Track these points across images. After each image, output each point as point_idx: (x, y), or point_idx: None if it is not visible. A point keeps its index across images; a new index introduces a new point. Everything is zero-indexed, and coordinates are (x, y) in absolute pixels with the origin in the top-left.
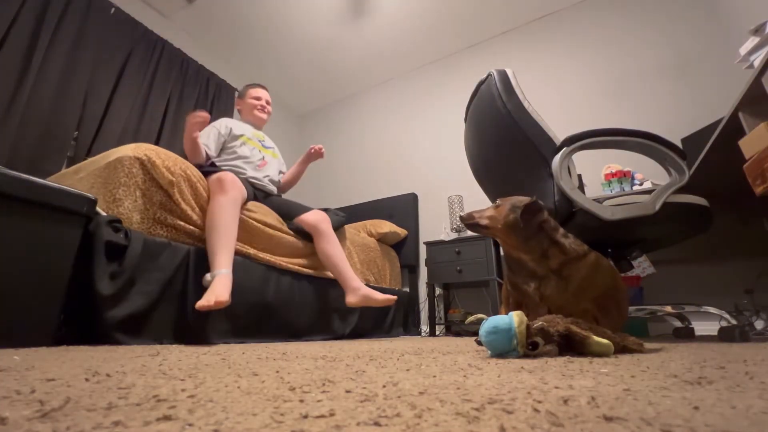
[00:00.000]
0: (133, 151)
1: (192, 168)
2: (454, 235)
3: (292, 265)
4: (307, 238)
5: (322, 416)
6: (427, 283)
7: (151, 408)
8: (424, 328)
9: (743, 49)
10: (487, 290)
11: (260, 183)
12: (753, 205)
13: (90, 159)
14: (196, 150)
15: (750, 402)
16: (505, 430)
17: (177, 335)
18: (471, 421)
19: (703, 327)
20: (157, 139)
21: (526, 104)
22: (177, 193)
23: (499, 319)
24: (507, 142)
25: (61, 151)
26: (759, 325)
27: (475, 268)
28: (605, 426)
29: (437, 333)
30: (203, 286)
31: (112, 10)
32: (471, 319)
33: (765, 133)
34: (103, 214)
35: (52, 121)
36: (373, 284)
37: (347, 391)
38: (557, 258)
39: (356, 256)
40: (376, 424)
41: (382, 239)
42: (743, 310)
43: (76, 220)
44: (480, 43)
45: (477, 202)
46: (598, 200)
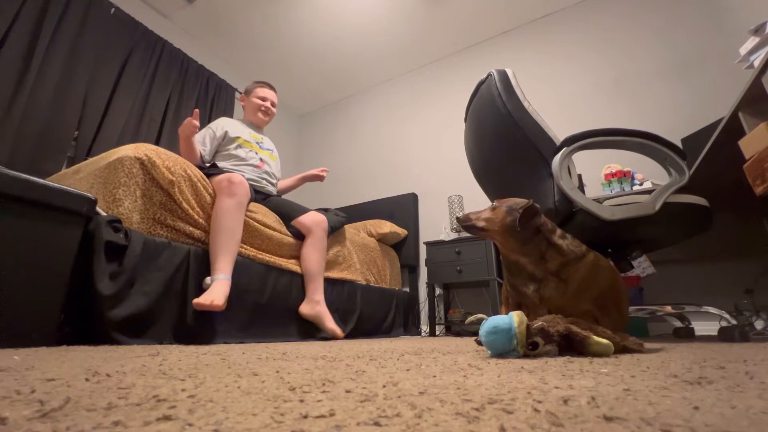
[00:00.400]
0: (133, 151)
1: (193, 168)
2: (454, 235)
3: (291, 265)
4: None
5: (322, 416)
6: (427, 283)
7: (151, 408)
8: (424, 328)
9: (743, 49)
10: (487, 290)
11: (259, 185)
12: (753, 205)
13: (90, 159)
14: (192, 152)
15: (750, 402)
16: (505, 430)
17: (177, 335)
18: (471, 421)
19: (703, 327)
20: (157, 139)
21: (526, 104)
22: (178, 193)
23: (499, 319)
24: (507, 142)
25: (61, 151)
26: (759, 325)
27: (475, 268)
28: (605, 426)
29: (437, 333)
30: (203, 288)
31: (112, 10)
32: (471, 319)
33: (765, 133)
34: (103, 214)
35: (52, 121)
36: (373, 284)
37: (347, 391)
38: (555, 260)
39: (356, 256)
40: (376, 424)
41: (382, 239)
42: (743, 310)
43: (76, 220)
44: (480, 43)
45: (477, 202)
46: (598, 200)
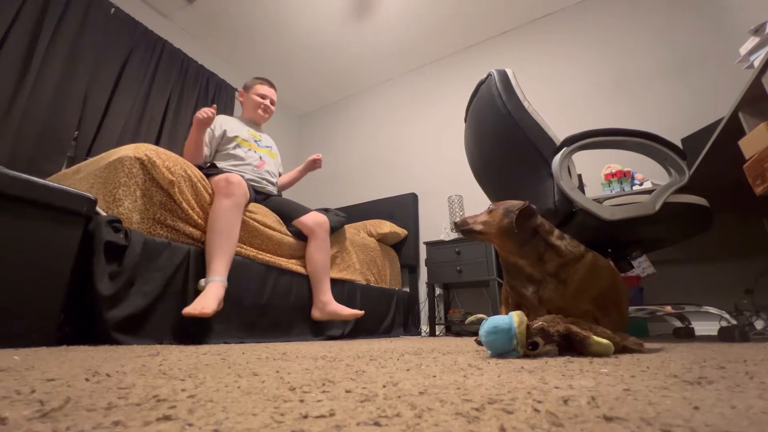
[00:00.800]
0: (133, 151)
1: (193, 168)
2: (454, 235)
3: (291, 265)
4: (306, 239)
5: (322, 416)
6: (427, 283)
7: (151, 408)
8: (424, 328)
9: (743, 49)
10: (487, 290)
11: (259, 185)
12: (753, 205)
13: (90, 159)
14: (199, 149)
15: (750, 402)
16: (505, 430)
17: (177, 335)
18: (471, 421)
19: (703, 327)
20: (157, 139)
21: (526, 104)
22: (178, 193)
23: (499, 319)
24: (507, 142)
25: (61, 151)
26: (759, 325)
27: (475, 268)
28: (605, 426)
29: (437, 333)
30: (197, 290)
31: (112, 10)
32: (471, 319)
33: (765, 133)
34: (103, 214)
35: (52, 121)
36: (373, 284)
37: (347, 391)
38: (554, 261)
39: (356, 256)
40: (376, 424)
41: (382, 239)
42: (743, 310)
43: (76, 220)
44: (480, 43)
45: (477, 202)
46: (598, 200)
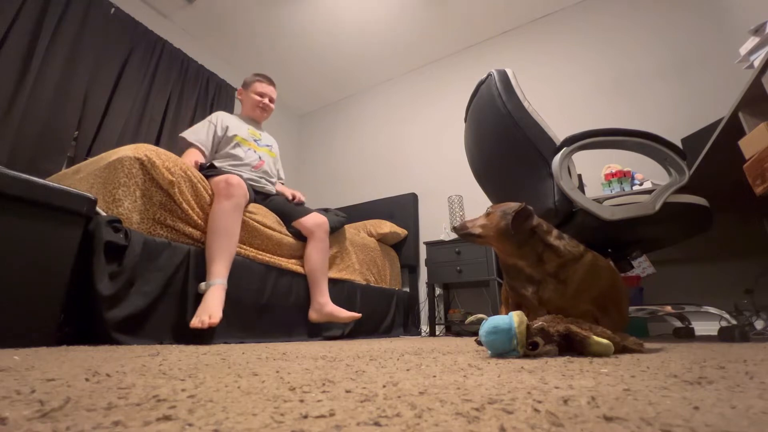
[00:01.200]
0: (133, 151)
1: (192, 168)
2: (454, 235)
3: (291, 265)
4: (306, 239)
5: (322, 416)
6: (427, 283)
7: (151, 408)
8: (424, 328)
9: (743, 49)
10: (487, 290)
11: (259, 185)
12: (753, 205)
13: (90, 159)
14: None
15: (750, 402)
16: (505, 430)
17: (177, 335)
18: (471, 421)
19: (703, 327)
20: (157, 139)
21: (526, 104)
22: (178, 194)
23: (499, 319)
24: (507, 142)
25: (61, 151)
26: (759, 325)
27: (475, 268)
28: (605, 426)
29: (437, 333)
30: (198, 294)
31: (112, 10)
32: (471, 319)
33: (765, 133)
34: (103, 214)
35: (52, 121)
36: (373, 284)
37: (347, 391)
38: (553, 261)
39: (356, 256)
40: (376, 424)
41: (382, 239)
42: (743, 310)
43: (76, 220)
44: (480, 43)
45: (477, 202)
46: (598, 200)
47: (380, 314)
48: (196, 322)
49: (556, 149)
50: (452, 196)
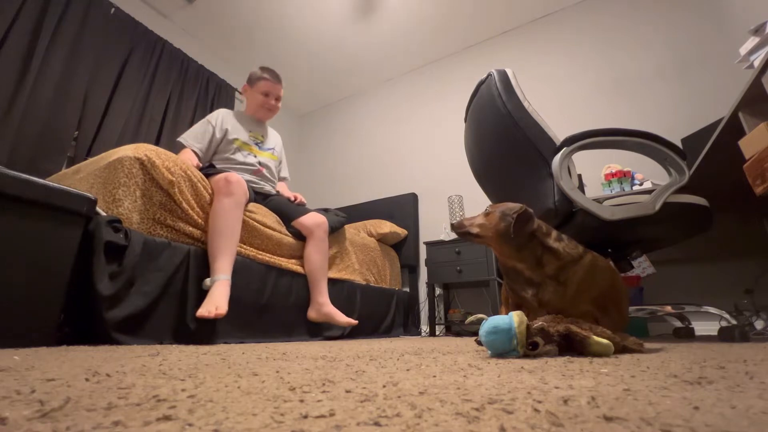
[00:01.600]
0: (133, 151)
1: (193, 168)
2: (454, 235)
3: (291, 265)
4: (306, 239)
5: (322, 416)
6: (427, 283)
7: (151, 408)
8: (424, 328)
9: (743, 49)
10: (487, 290)
11: (257, 185)
12: (753, 205)
13: (90, 159)
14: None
15: (750, 402)
16: (505, 430)
17: (177, 335)
18: (471, 421)
19: (703, 327)
20: (157, 139)
21: (526, 104)
22: (178, 193)
23: (499, 319)
24: (507, 142)
25: (61, 151)
26: (759, 325)
27: (475, 268)
28: (605, 426)
29: (437, 333)
30: (202, 290)
31: (112, 10)
32: (471, 319)
33: (765, 133)
34: (103, 214)
35: (52, 121)
36: (373, 284)
37: (347, 391)
38: (552, 264)
39: (356, 257)
40: (376, 424)
41: (382, 239)
42: (743, 310)
43: (76, 220)
44: (480, 43)
45: (477, 202)
46: (598, 200)
47: (380, 314)
48: (203, 312)
49: (556, 149)
50: (452, 196)
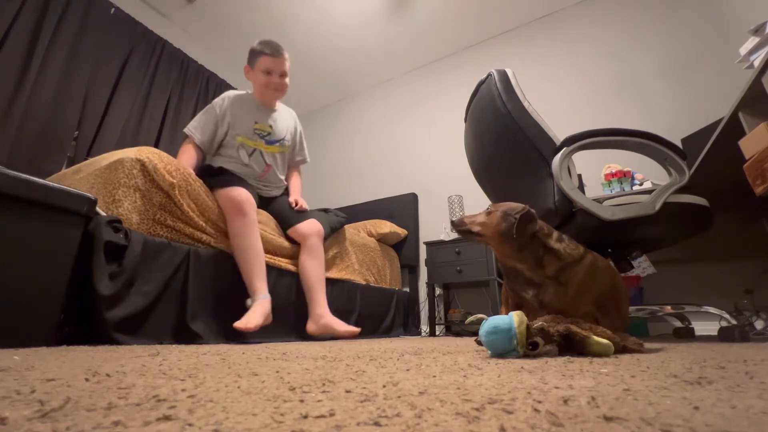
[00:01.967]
0: (134, 153)
1: (193, 174)
2: (454, 235)
3: (291, 266)
4: None
5: (322, 416)
6: (427, 283)
7: (151, 408)
8: (424, 328)
9: (743, 49)
10: (487, 290)
11: (262, 191)
12: (753, 205)
13: (90, 159)
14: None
15: (750, 402)
16: (505, 430)
17: (177, 335)
18: (471, 421)
19: (703, 327)
20: (157, 139)
21: (526, 104)
22: (178, 195)
23: (499, 319)
24: (507, 142)
25: (61, 151)
26: (759, 325)
27: (475, 268)
28: (605, 426)
29: (437, 333)
30: (245, 308)
31: (112, 10)
32: (471, 319)
33: (765, 133)
34: (103, 214)
35: (52, 121)
36: (372, 284)
37: (347, 391)
38: (553, 264)
39: (356, 257)
40: (376, 424)
41: (382, 239)
42: (743, 310)
43: (76, 220)
44: (480, 43)
45: (477, 202)
46: (598, 200)
47: (380, 314)
48: (240, 324)
49: (556, 149)
50: (452, 196)
